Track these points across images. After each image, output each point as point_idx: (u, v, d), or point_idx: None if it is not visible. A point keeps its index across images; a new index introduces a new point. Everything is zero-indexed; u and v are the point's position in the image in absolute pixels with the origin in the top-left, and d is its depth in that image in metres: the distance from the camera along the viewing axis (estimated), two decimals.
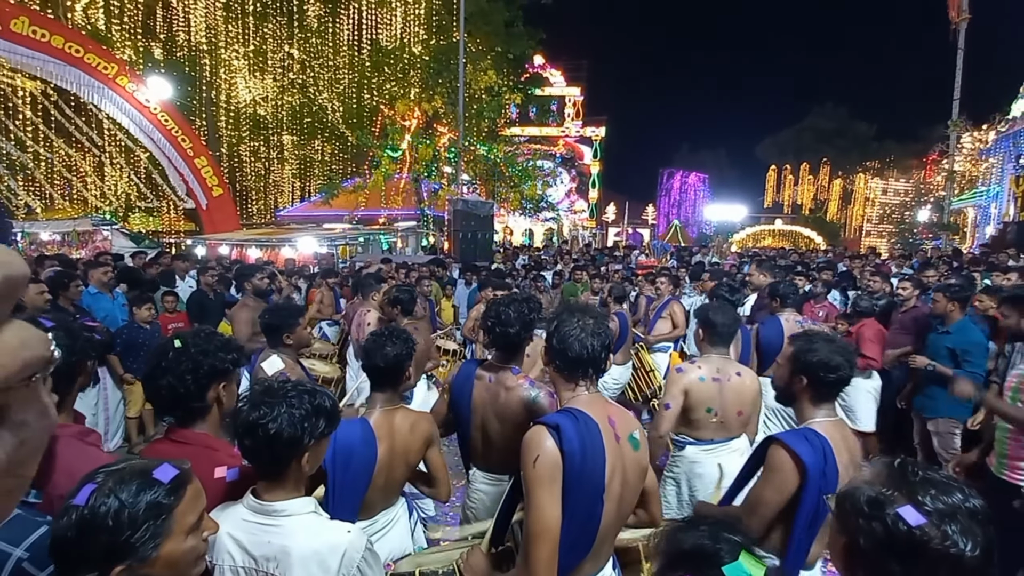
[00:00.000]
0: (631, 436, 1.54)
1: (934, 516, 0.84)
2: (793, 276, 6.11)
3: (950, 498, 0.85)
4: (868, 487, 0.92)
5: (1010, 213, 18.77)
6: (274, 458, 1.33)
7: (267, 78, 19.14)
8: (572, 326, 1.55)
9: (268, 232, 16.59)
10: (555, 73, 30.66)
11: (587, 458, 1.40)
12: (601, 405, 1.54)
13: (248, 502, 1.36)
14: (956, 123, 17.12)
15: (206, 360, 1.60)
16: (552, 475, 1.37)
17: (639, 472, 1.56)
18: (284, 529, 1.33)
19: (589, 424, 1.44)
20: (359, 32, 18.93)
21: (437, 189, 17.69)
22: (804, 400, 1.81)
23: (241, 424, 1.33)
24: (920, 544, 0.83)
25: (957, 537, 0.81)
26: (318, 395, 1.39)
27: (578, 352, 1.52)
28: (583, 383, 1.56)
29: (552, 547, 1.36)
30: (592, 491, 1.41)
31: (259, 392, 1.37)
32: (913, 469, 0.91)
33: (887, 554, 0.85)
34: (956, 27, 16.04)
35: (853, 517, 0.91)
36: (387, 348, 1.97)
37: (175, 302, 5.53)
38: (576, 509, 1.39)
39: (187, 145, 15.29)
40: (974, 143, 23.49)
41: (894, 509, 0.86)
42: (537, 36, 17.25)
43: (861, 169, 31.52)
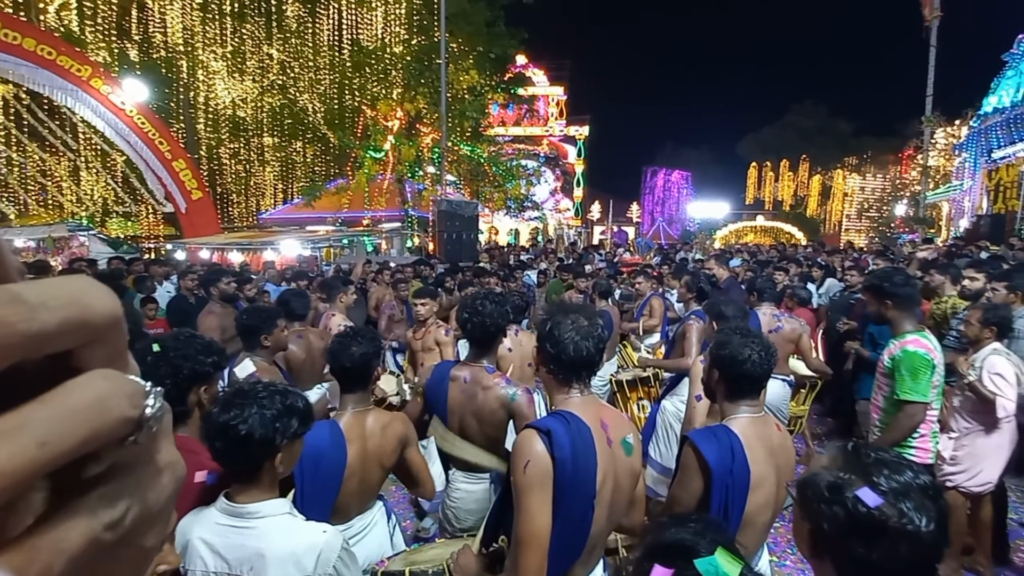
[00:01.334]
0: (624, 440, 1.51)
1: (889, 495, 0.87)
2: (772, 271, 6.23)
3: (902, 476, 0.89)
4: (826, 472, 0.94)
5: (983, 206, 19.24)
6: (247, 460, 1.32)
7: (246, 79, 18.90)
8: (566, 328, 1.50)
9: (249, 235, 16.39)
10: (538, 72, 30.72)
11: (578, 463, 1.37)
12: (594, 408, 1.51)
13: (221, 505, 1.35)
14: (930, 119, 17.51)
15: (186, 364, 1.60)
16: (543, 481, 1.35)
17: (631, 477, 1.54)
18: (258, 531, 1.32)
19: (581, 428, 1.42)
20: (339, 32, 18.78)
21: (421, 190, 17.62)
22: (721, 396, 1.79)
23: (213, 426, 1.31)
24: (879, 523, 0.86)
25: (912, 514, 0.85)
26: (290, 395, 1.38)
27: (572, 355, 1.49)
28: (576, 386, 1.52)
29: (541, 554, 1.34)
30: (584, 496, 1.39)
31: (231, 394, 1.36)
32: (865, 451, 0.95)
33: (850, 535, 0.88)
34: (929, 25, 16.41)
35: (815, 503, 0.93)
36: (353, 348, 1.93)
37: (155, 309, 5.43)
38: (567, 515, 1.37)
39: (165, 148, 15.04)
40: (947, 138, 24.06)
41: (852, 492, 0.89)
42: (519, 36, 17.23)
43: (839, 165, 32.10)
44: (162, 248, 16.51)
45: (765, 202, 34.74)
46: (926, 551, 0.86)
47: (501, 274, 8.28)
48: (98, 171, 17.30)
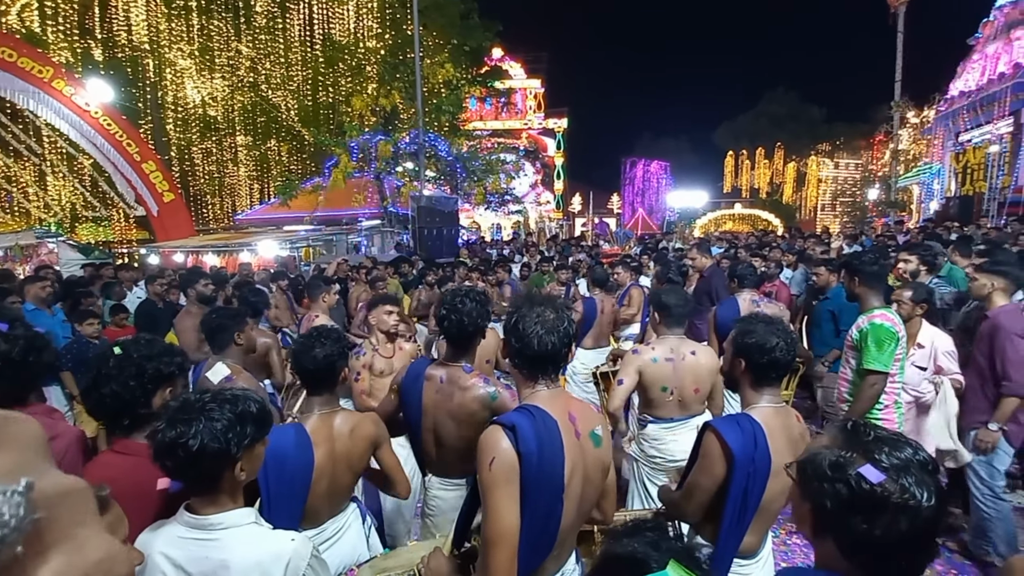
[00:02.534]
0: (592, 433, 1.49)
1: (891, 472, 0.89)
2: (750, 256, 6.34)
3: (902, 453, 0.90)
4: (828, 451, 0.95)
5: (951, 188, 19.78)
6: (202, 474, 1.27)
7: (216, 77, 18.47)
8: (531, 322, 1.48)
9: (225, 237, 16.07)
10: (515, 65, 30.61)
11: (545, 458, 1.35)
12: (562, 401, 1.49)
13: (183, 518, 1.30)
14: (898, 104, 17.92)
15: (150, 364, 1.57)
16: (509, 477, 1.33)
17: (601, 469, 1.52)
18: (222, 543, 1.27)
19: (547, 422, 1.40)
20: (310, 28, 18.46)
21: (400, 186, 17.46)
22: (745, 384, 1.81)
23: (159, 445, 1.24)
24: (882, 499, 0.87)
25: (914, 489, 0.87)
26: (241, 401, 1.32)
27: (537, 349, 1.47)
28: (543, 379, 1.51)
29: (510, 552, 1.32)
30: (551, 491, 1.37)
31: (175, 409, 1.29)
32: (865, 430, 0.96)
33: (852, 512, 0.90)
34: (895, 11, 16.74)
35: (817, 482, 0.94)
36: (316, 350, 1.88)
37: (126, 317, 5.30)
38: (535, 510, 1.35)
39: (133, 150, 14.64)
40: (915, 123, 24.63)
41: (855, 469, 0.90)
42: (494, 28, 17.13)
43: (813, 152, 32.66)
44: (135, 253, 16.11)
45: (742, 190, 35.22)
46: (926, 524, 0.87)
47: (481, 269, 8.28)
48: (65, 175, 16.78)
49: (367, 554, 1.95)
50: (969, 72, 18.53)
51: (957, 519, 3.49)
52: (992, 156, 16.78)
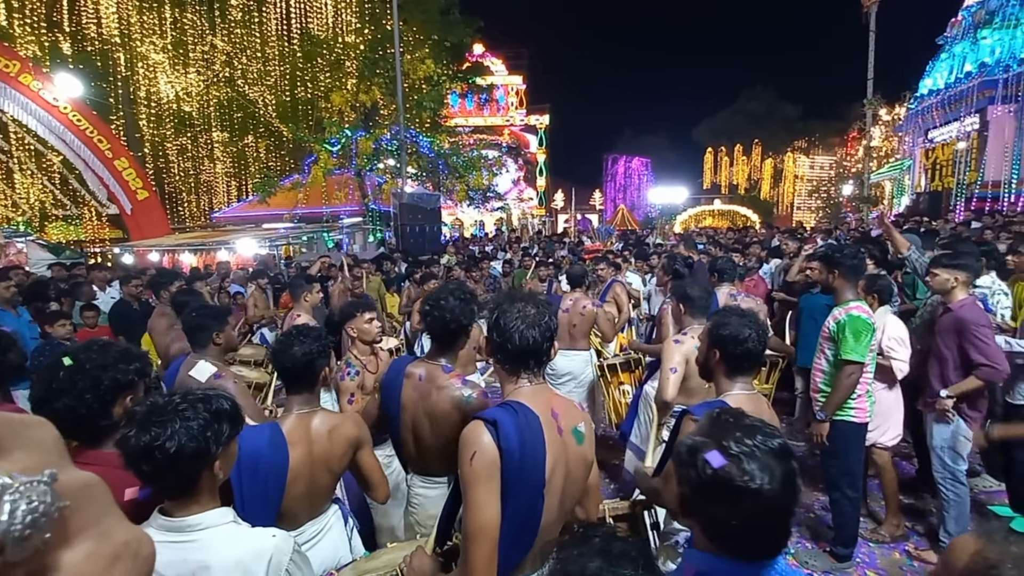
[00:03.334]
0: (575, 429, 1.49)
1: (735, 457, 0.92)
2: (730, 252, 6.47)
3: (752, 440, 0.94)
4: (689, 438, 1.00)
5: (921, 184, 20.35)
6: (180, 476, 1.24)
7: (190, 72, 18.07)
8: (512, 317, 1.48)
9: (202, 235, 15.79)
10: (496, 62, 30.56)
11: (526, 453, 1.35)
12: (545, 397, 1.49)
13: (158, 522, 1.27)
14: (871, 102, 18.31)
15: (106, 374, 1.49)
16: (490, 472, 1.33)
17: (583, 466, 1.52)
18: (201, 543, 1.25)
19: (529, 417, 1.40)
20: (287, 22, 18.17)
21: (381, 183, 17.33)
22: (719, 373, 1.88)
23: (132, 451, 1.21)
24: (724, 482, 0.91)
25: (756, 473, 0.90)
26: (213, 400, 1.31)
27: (519, 344, 1.46)
28: (525, 375, 1.50)
29: (491, 547, 1.32)
30: (533, 487, 1.37)
31: (145, 412, 1.25)
32: (726, 418, 1.00)
33: (702, 495, 0.94)
34: (867, 10, 17.10)
35: (680, 467, 0.99)
36: (294, 348, 1.85)
37: (95, 316, 5.18)
38: (516, 506, 1.35)
39: (105, 146, 14.27)
40: (888, 120, 25.27)
41: (703, 455, 0.94)
42: (474, 24, 17.03)
43: (789, 149, 33.31)
44: (108, 252, 15.72)
45: (721, 186, 35.77)
46: (770, 507, 0.90)
47: (465, 265, 8.29)
48: (33, 173, 16.29)
49: (349, 556, 1.91)
50: (938, 71, 19.07)
51: (926, 503, 3.64)
52: (960, 153, 17.31)
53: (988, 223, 9.42)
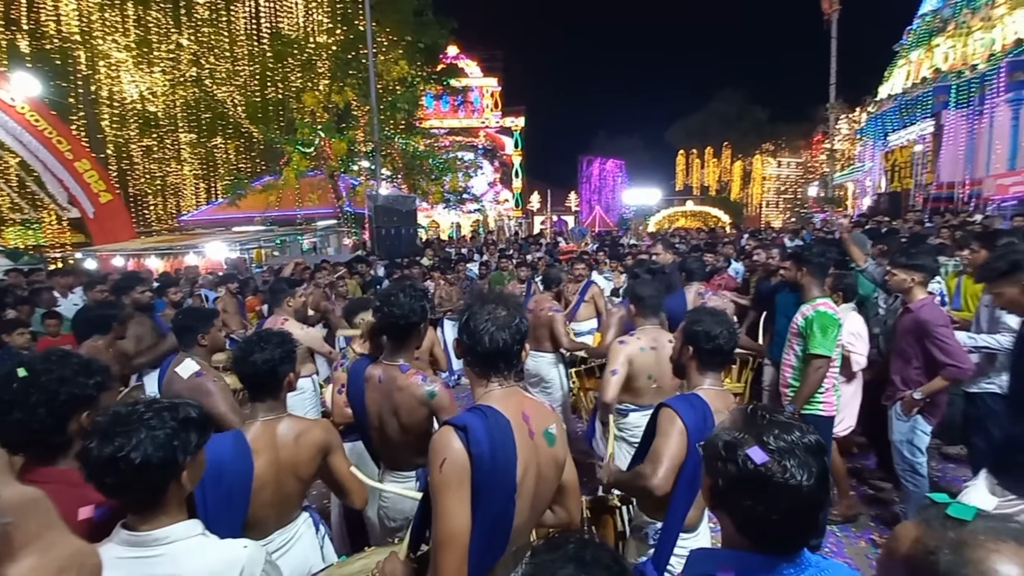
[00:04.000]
0: (546, 431, 1.49)
1: (776, 453, 0.95)
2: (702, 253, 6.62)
3: (790, 436, 0.98)
4: (725, 432, 1.03)
5: (882, 185, 21.13)
6: (147, 488, 1.20)
7: (155, 71, 17.53)
8: (482, 319, 1.46)
9: (169, 239, 15.35)
10: (471, 64, 30.51)
11: (497, 458, 1.34)
12: (516, 400, 1.48)
13: (121, 537, 1.22)
14: (833, 106, 18.99)
15: (63, 388, 1.41)
16: (460, 479, 1.31)
17: (554, 468, 1.51)
18: (168, 557, 1.21)
19: (499, 422, 1.38)
20: (257, 21, 17.80)
21: (356, 185, 17.11)
22: (692, 369, 1.96)
23: (95, 463, 1.16)
24: (765, 479, 0.94)
25: (795, 470, 0.94)
26: (180, 408, 1.27)
27: (488, 347, 1.45)
28: (496, 378, 1.48)
29: (460, 553, 1.30)
30: (504, 491, 1.35)
31: (107, 421, 1.20)
32: (762, 414, 1.03)
33: (740, 489, 0.97)
34: (829, 18, 17.74)
35: (714, 460, 1.02)
36: (256, 355, 1.81)
37: (58, 324, 4.99)
38: (488, 511, 1.33)
39: (65, 147, 13.73)
40: (850, 124, 26.17)
41: (744, 450, 0.97)
42: (448, 25, 16.98)
43: (758, 151, 34.17)
44: (70, 257, 15.13)
45: (693, 188, 36.45)
46: (806, 503, 0.94)
47: (440, 268, 8.27)
48: None
49: (320, 564, 1.88)
50: (895, 76, 19.85)
51: (888, 493, 3.80)
52: (917, 155, 18.04)
53: (941, 223, 9.85)
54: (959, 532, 0.76)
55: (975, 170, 16.09)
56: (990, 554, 0.72)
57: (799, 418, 1.06)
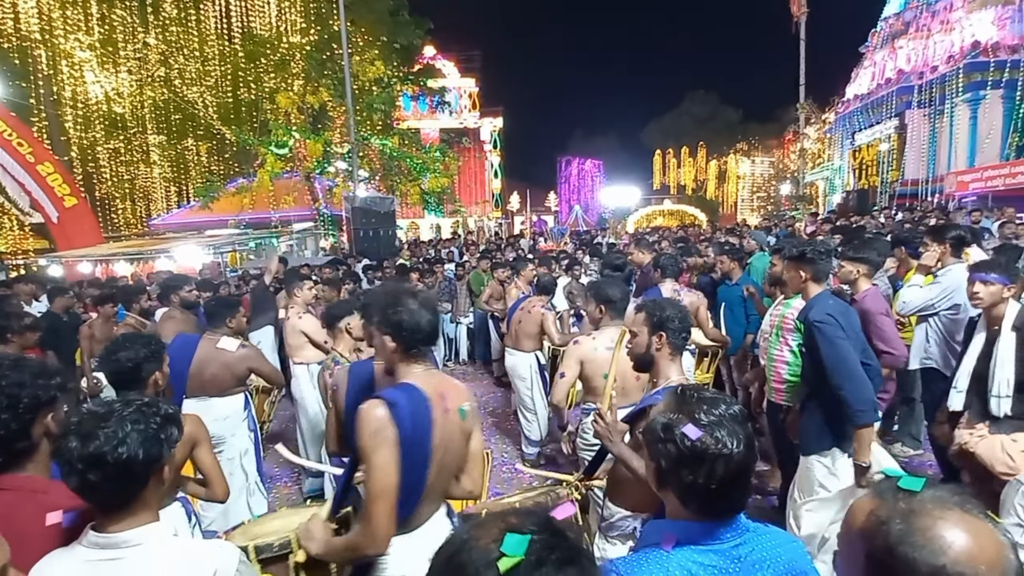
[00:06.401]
0: (460, 408, 1.70)
1: (707, 427, 1.04)
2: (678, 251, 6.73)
3: (717, 410, 1.06)
4: (661, 416, 1.10)
5: (850, 183, 21.76)
6: (129, 485, 1.19)
7: (121, 71, 17.03)
8: (405, 310, 1.65)
9: (139, 244, 14.95)
10: (448, 64, 30.42)
11: (416, 432, 1.55)
12: (435, 380, 1.68)
13: (89, 539, 1.20)
14: (803, 106, 19.49)
15: (23, 391, 1.39)
16: (390, 442, 1.51)
17: (463, 439, 1.73)
18: (136, 560, 1.19)
19: (420, 399, 1.58)
20: (228, 20, 17.44)
21: (332, 187, 16.91)
22: (663, 357, 1.96)
23: (79, 459, 1.14)
24: (701, 452, 1.02)
25: (726, 439, 1.03)
26: (154, 404, 1.28)
27: (407, 332, 1.64)
28: (416, 360, 1.68)
29: (391, 504, 1.51)
30: (420, 460, 1.56)
31: (86, 419, 1.19)
32: (690, 393, 1.12)
33: (681, 465, 1.04)
34: (797, 20, 18.20)
35: (655, 443, 1.08)
36: (121, 354, 1.92)
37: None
38: (405, 477, 1.53)
39: (25, 150, 13.25)
40: (819, 123, 26.88)
41: (679, 429, 1.04)
42: (424, 25, 16.92)
43: (732, 150, 34.83)
44: (33, 264, 14.60)
45: (670, 187, 36.96)
46: (738, 468, 1.03)
47: (419, 269, 8.22)
48: None
49: None
50: (861, 77, 20.45)
51: None
52: (883, 154, 18.62)
53: (907, 218, 10.20)
54: (909, 502, 0.79)
55: (937, 167, 16.69)
56: (936, 521, 0.75)
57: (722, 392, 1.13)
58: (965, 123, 16.20)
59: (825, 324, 2.54)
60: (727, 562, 1.04)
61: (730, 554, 1.05)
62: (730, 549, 1.05)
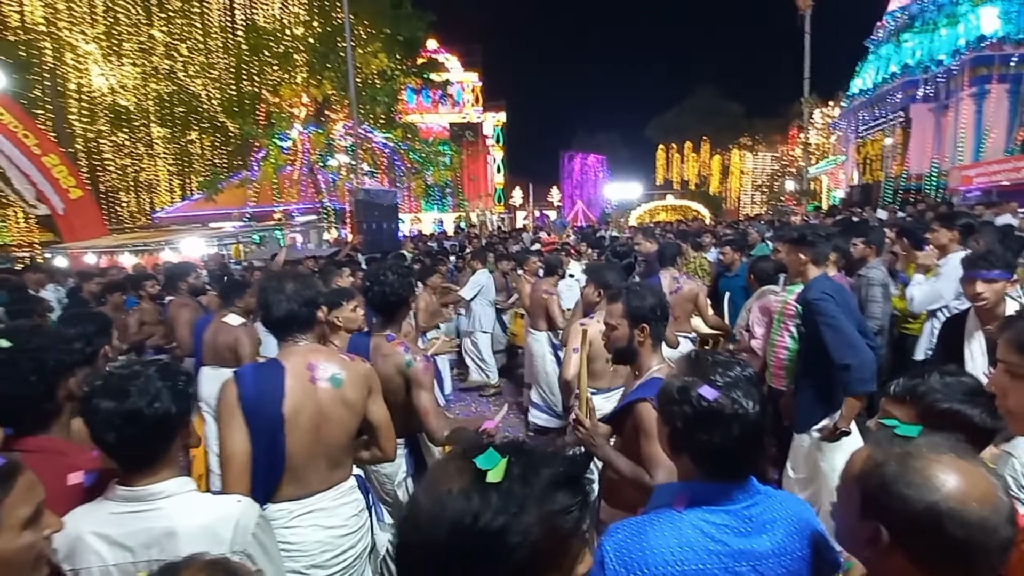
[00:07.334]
0: (332, 376, 1.78)
1: (724, 388, 1.05)
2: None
3: (732, 372, 1.09)
4: (675, 379, 1.12)
5: (855, 178, 21.67)
6: (159, 440, 1.25)
7: (125, 63, 17.05)
8: (271, 292, 1.79)
9: (143, 236, 15.02)
10: (451, 58, 30.32)
11: (263, 398, 1.68)
12: (304, 354, 1.79)
13: (116, 493, 1.26)
14: (808, 100, 19.37)
15: (48, 355, 1.43)
16: (231, 411, 1.66)
17: (342, 408, 1.78)
18: (164, 511, 1.25)
19: (273, 370, 1.73)
20: (231, 13, 17.45)
21: (336, 180, 16.93)
22: (646, 348, 1.89)
23: (116, 415, 1.19)
24: (717, 412, 1.04)
25: (742, 400, 1.05)
26: (173, 364, 1.35)
27: (277, 314, 1.78)
28: (291, 337, 1.80)
29: (240, 468, 1.64)
30: (271, 424, 1.68)
31: (113, 379, 1.23)
32: (703, 357, 1.14)
33: (697, 426, 1.06)
34: (802, 13, 18.06)
35: (669, 406, 1.10)
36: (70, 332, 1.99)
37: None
38: (259, 440, 1.66)
39: (32, 142, 13.31)
40: (824, 118, 26.73)
41: (696, 391, 1.06)
42: (427, 18, 16.89)
43: (735, 145, 34.69)
44: (38, 256, 14.68)
45: (673, 182, 36.85)
46: (754, 427, 1.05)
47: (421, 261, 8.26)
48: None
49: None
50: (866, 71, 20.34)
51: None
52: (887, 148, 18.53)
53: (911, 212, 10.18)
54: (904, 447, 0.83)
55: (942, 162, 16.61)
56: (931, 463, 0.79)
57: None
58: (971, 117, 16.10)
59: (822, 301, 2.57)
60: (739, 522, 1.06)
61: (742, 514, 1.07)
62: (742, 510, 1.07)
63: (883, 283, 3.69)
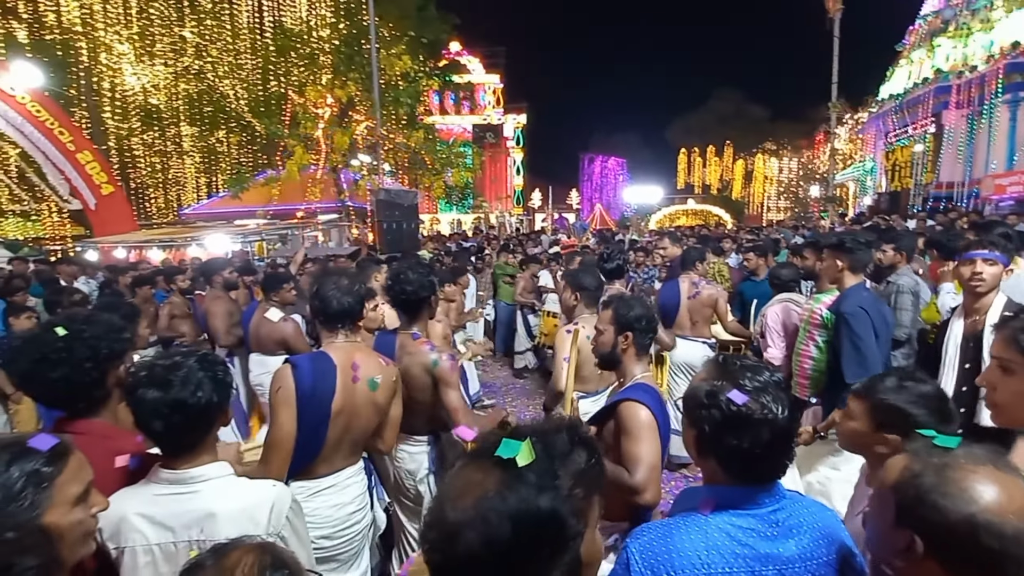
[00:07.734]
0: (371, 379, 1.93)
1: (753, 393, 1.05)
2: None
3: (761, 377, 1.08)
4: (704, 383, 1.12)
5: (882, 184, 21.17)
6: (204, 426, 1.32)
7: (157, 63, 17.52)
8: (329, 287, 1.94)
9: (171, 232, 15.38)
10: (473, 60, 30.51)
11: (317, 391, 1.82)
12: (350, 351, 1.94)
13: (160, 476, 1.32)
14: (835, 105, 19.00)
15: (102, 343, 1.49)
16: (288, 401, 1.80)
17: (371, 407, 1.96)
18: (205, 494, 1.31)
19: (326, 364, 1.87)
20: (260, 14, 17.82)
21: (357, 179, 17.15)
22: (629, 356, 1.93)
23: (164, 405, 1.25)
24: (747, 417, 1.04)
25: (771, 404, 1.05)
26: (210, 354, 1.41)
27: (335, 308, 1.93)
28: (339, 332, 1.97)
29: (285, 454, 1.79)
30: (319, 417, 1.82)
31: (159, 369, 1.29)
32: (732, 361, 1.14)
33: (725, 431, 1.06)
34: (832, 17, 17.74)
35: (697, 410, 1.10)
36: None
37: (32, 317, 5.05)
38: (306, 427, 1.81)
39: (67, 139, 13.73)
40: (851, 123, 26.18)
41: (725, 395, 1.06)
42: (450, 21, 17.07)
43: (759, 150, 34.17)
44: (70, 250, 15.14)
45: (695, 186, 36.45)
46: (783, 432, 1.05)
47: (440, 262, 8.34)
48: None
49: None
50: (897, 76, 19.87)
51: None
52: (917, 155, 18.07)
53: (942, 220, 9.91)
54: (942, 458, 0.81)
55: (974, 170, 16.13)
56: (968, 474, 0.78)
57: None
58: (1004, 125, 15.60)
59: (855, 316, 2.51)
60: (765, 526, 1.06)
61: (768, 518, 1.07)
62: (768, 514, 1.07)
63: (913, 291, 3.59)
